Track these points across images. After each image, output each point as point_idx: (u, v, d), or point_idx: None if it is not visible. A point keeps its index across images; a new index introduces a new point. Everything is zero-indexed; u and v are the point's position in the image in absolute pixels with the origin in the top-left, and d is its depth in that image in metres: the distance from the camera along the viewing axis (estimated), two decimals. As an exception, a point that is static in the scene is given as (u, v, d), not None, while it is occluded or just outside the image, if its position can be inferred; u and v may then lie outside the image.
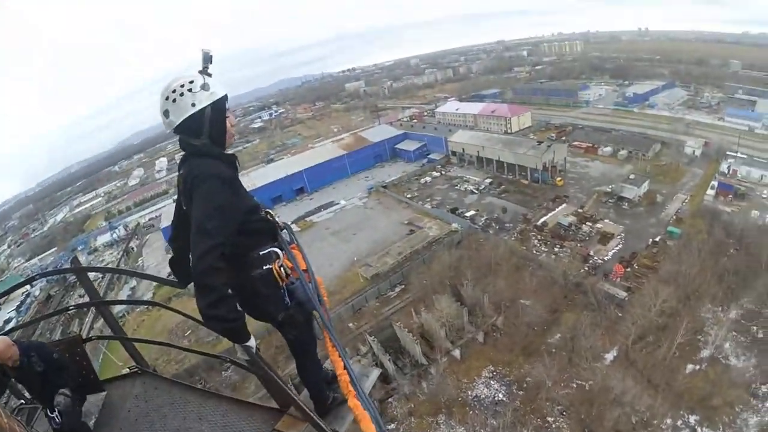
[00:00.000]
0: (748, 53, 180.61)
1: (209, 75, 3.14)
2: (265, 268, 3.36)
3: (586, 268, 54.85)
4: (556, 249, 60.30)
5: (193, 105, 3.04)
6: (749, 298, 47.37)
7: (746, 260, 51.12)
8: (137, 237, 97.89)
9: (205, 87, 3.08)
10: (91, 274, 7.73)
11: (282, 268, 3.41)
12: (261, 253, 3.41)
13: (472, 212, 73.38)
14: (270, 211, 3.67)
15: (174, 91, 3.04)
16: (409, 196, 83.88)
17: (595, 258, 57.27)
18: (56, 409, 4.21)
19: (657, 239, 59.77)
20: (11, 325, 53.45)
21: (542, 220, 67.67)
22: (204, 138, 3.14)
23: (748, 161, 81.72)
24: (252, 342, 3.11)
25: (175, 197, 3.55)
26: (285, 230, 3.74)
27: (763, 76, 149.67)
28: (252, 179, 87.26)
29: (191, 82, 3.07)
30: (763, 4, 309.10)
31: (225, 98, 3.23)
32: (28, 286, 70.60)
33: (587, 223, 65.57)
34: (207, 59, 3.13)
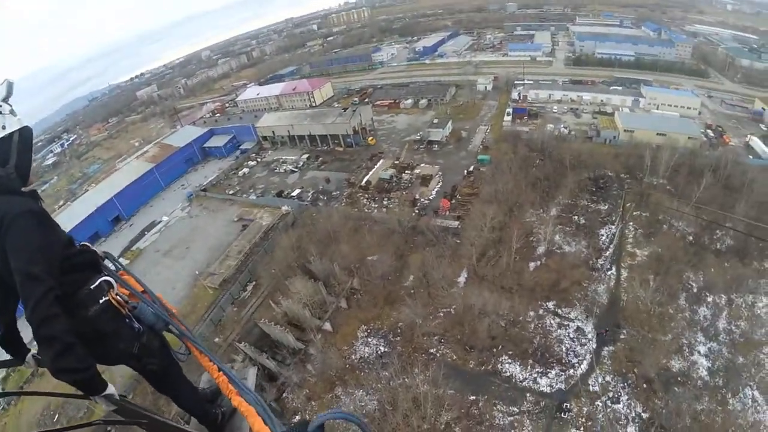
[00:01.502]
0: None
1: (10, 106, 2.93)
2: (101, 301, 3.08)
3: (417, 211, 58.91)
4: (385, 202, 63.43)
5: (3, 128, 2.83)
6: (563, 195, 55.66)
7: (552, 166, 60.01)
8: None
9: (13, 112, 2.90)
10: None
11: (119, 296, 3.20)
12: (92, 287, 3.11)
13: (297, 190, 73.27)
14: (85, 243, 3.45)
15: None
16: (231, 192, 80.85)
17: (422, 200, 61.99)
18: None
19: (471, 169, 66.87)
20: None
21: (365, 179, 70.28)
22: (10, 168, 2.89)
23: (535, 85, 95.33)
24: (111, 389, 2.80)
25: None
26: (107, 259, 3.54)
27: (537, 12, 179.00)
28: (61, 222, 74.90)
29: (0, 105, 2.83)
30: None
31: (31, 131, 3.08)
32: None
33: (406, 171, 70.62)
34: (10, 89, 2.90)
